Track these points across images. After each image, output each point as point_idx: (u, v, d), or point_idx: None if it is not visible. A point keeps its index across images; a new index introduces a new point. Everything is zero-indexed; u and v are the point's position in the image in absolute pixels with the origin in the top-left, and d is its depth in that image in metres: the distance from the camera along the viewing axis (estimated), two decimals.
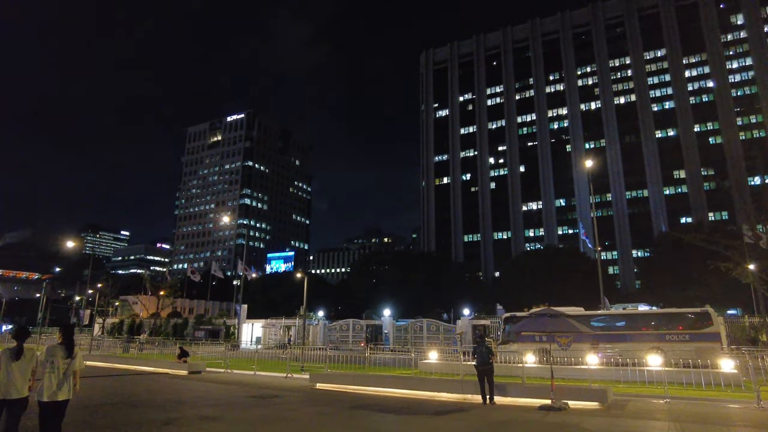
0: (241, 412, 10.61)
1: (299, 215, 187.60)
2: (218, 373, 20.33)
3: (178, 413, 10.05)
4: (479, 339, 13.17)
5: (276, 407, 11.42)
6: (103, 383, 16.48)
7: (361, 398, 13.27)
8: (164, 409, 10.74)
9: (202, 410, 10.64)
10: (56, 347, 6.70)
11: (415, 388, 14.31)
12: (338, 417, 10.11)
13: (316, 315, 51.40)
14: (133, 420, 9.42)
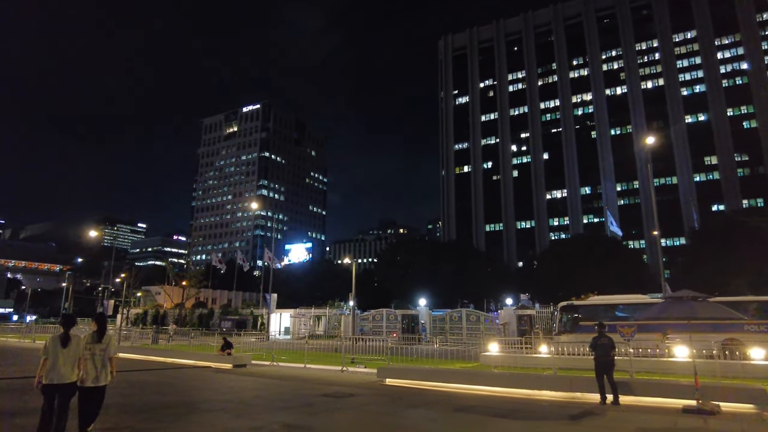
0: (327, 417, 8.82)
1: (315, 206, 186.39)
2: (264, 367, 18.66)
3: (256, 420, 8.29)
4: (599, 328, 11.20)
5: (364, 410, 9.61)
6: (148, 379, 14.87)
7: (450, 397, 11.44)
8: (235, 413, 9.02)
9: (280, 415, 8.88)
10: (93, 335, 6.96)
11: (505, 385, 12.47)
12: (453, 424, 8.26)
13: (347, 305, 49.75)
14: (210, 430, 7.66)
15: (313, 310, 45.44)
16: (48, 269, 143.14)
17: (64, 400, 6.53)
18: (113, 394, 10.93)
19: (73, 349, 6.67)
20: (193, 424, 7.90)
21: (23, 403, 9.42)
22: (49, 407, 6.48)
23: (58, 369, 6.50)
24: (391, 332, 39.82)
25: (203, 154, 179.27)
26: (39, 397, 6.59)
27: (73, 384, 6.63)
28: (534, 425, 8.27)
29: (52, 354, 6.56)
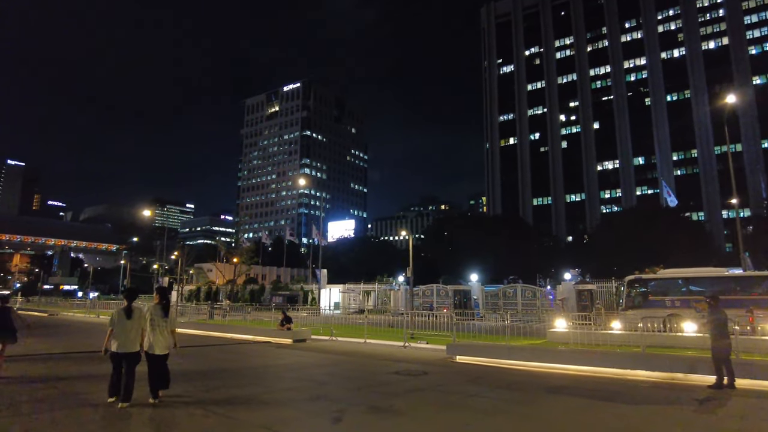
0: (411, 398, 8.10)
1: (357, 184, 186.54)
2: (323, 341, 18.30)
3: (336, 401, 7.70)
4: (710, 301, 9.94)
5: (446, 390, 8.85)
6: (215, 355, 14.71)
7: (531, 376, 10.57)
8: (311, 394, 8.51)
9: (359, 396, 8.29)
10: (156, 307, 7.47)
11: (589, 363, 11.46)
12: (563, 410, 7.36)
13: (396, 280, 49.37)
14: (291, 414, 7.09)
15: (362, 286, 45.25)
16: (106, 249, 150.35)
17: (130, 366, 7.07)
18: (180, 368, 10.65)
19: (136, 321, 7.21)
20: (269, 406, 7.34)
21: (101, 368, 9.20)
22: (117, 371, 7.09)
23: (123, 338, 7.05)
24: (441, 308, 39.13)
25: (246, 135, 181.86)
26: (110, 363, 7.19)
27: (137, 352, 7.16)
28: (656, 411, 7.26)
29: (118, 325, 7.11)
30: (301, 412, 6.86)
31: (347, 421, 6.24)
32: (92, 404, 7.17)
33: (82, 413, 6.61)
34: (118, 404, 6.91)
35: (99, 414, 6.62)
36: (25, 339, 9.91)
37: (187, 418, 6.41)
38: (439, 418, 6.63)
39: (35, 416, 6.30)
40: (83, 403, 7.29)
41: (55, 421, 6.16)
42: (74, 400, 7.46)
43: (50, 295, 72.17)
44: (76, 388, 8.41)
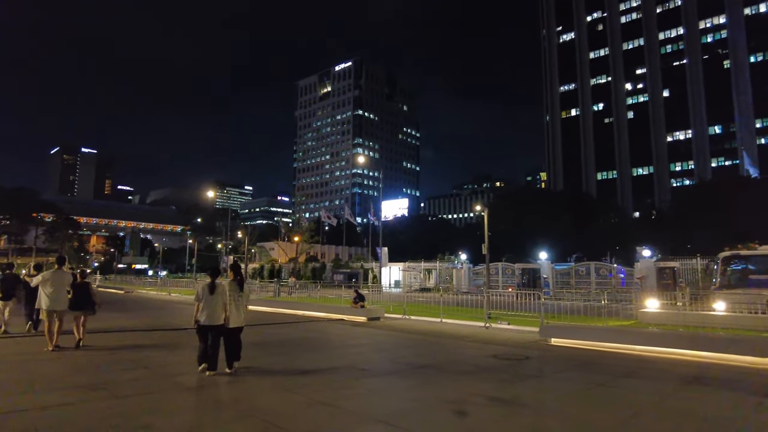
0: (530, 387, 7.20)
1: (409, 162, 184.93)
2: (397, 320, 17.70)
3: (446, 388, 6.93)
4: None
5: (564, 379, 7.89)
6: (290, 332, 14.44)
7: (646, 362, 9.44)
8: (414, 380, 7.82)
9: (468, 383, 7.44)
10: (231, 283, 7.90)
11: (689, 347, 10.22)
12: (727, 407, 6.25)
13: (458, 258, 48.32)
14: (409, 405, 6.40)
15: (423, 264, 44.53)
16: (171, 230, 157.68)
17: (215, 337, 7.54)
18: (257, 345, 10.29)
19: (219, 296, 7.64)
20: (372, 394, 6.68)
21: (183, 340, 8.97)
22: (204, 342, 7.56)
23: (209, 312, 7.51)
24: (507, 287, 37.83)
25: (300, 116, 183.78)
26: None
27: (221, 325, 7.60)
28: None
29: (204, 300, 7.56)
30: (415, 402, 6.14)
31: (475, 416, 5.43)
32: (181, 373, 7.35)
33: (174, 381, 6.81)
34: (205, 372, 7.39)
35: (191, 380, 6.57)
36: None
37: (273, 393, 5.84)
38: (585, 414, 5.70)
39: (132, 383, 6.08)
40: (173, 373, 7.32)
41: (149, 387, 5.93)
42: (163, 371, 7.34)
43: (124, 273, 76.39)
44: (164, 359, 8.22)
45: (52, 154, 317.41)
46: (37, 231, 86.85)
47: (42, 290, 9.44)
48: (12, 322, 12.01)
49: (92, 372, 7.49)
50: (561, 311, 17.87)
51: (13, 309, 11.91)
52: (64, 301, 9.54)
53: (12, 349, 9.61)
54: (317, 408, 5.67)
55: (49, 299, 9.30)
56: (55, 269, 9.82)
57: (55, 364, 8.11)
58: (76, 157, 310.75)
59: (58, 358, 8.64)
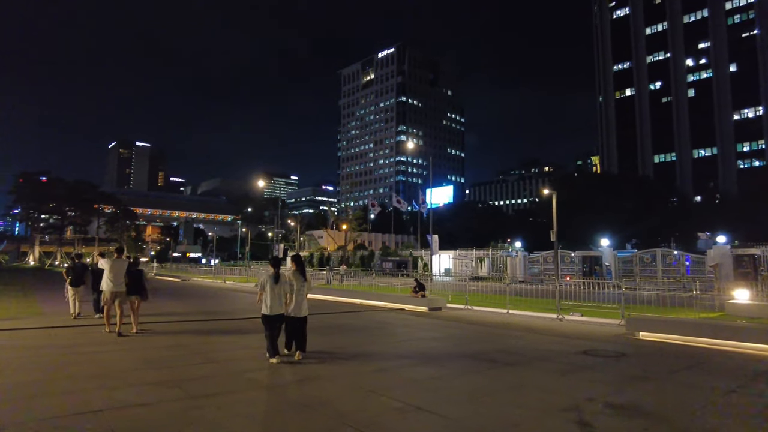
0: (649, 392, 6.28)
1: (454, 148, 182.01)
2: (460, 310, 16.92)
3: (552, 393, 6.09)
4: None
5: (678, 380, 6.92)
6: (350, 321, 13.96)
7: (762, 361, 8.27)
8: (503, 379, 6.99)
9: (571, 385, 6.63)
10: (295, 273, 8.01)
11: None
12: None
13: (513, 246, 46.89)
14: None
15: (475, 252, 43.37)
16: (222, 219, 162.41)
17: (278, 326, 7.72)
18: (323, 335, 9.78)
19: (282, 286, 7.76)
20: (470, 397, 5.97)
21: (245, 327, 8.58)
22: (270, 331, 7.64)
23: (273, 302, 7.61)
24: (565, 276, 36.27)
25: (344, 105, 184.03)
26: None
27: (283, 314, 7.76)
28: None
29: (269, 290, 7.65)
30: (522, 409, 5.37)
31: (599, 427, 4.63)
32: (251, 369, 6.97)
33: (246, 378, 6.42)
34: (272, 359, 7.47)
35: (263, 377, 6.02)
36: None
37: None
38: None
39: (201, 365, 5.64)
40: (243, 369, 6.84)
41: (223, 386, 5.48)
42: (233, 366, 6.91)
43: (179, 261, 79.01)
44: (232, 353, 7.90)
45: (109, 149, 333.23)
46: (98, 221, 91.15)
47: (105, 275, 10.28)
48: (82, 308, 12.91)
49: (163, 366, 7.14)
50: (633, 302, 16.60)
51: (82, 295, 12.94)
52: (123, 285, 10.25)
53: (83, 338, 9.51)
54: (412, 414, 5.01)
55: (111, 283, 10.12)
56: (115, 257, 10.56)
57: (126, 357, 7.85)
58: (131, 150, 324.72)
59: (127, 350, 8.42)
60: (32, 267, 76.17)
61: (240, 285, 32.41)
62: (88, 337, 9.80)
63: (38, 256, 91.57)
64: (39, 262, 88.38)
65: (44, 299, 18.47)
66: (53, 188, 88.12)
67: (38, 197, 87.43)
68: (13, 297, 19.37)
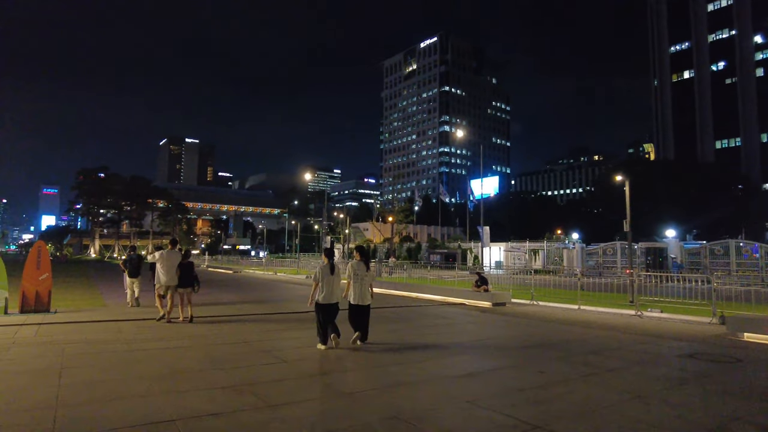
0: None
1: (499, 137, 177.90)
2: (525, 306, 15.95)
3: (676, 407, 5.17)
4: None
5: None
6: (416, 318, 13.28)
7: None
8: (607, 384, 6.15)
9: (689, 396, 5.67)
10: (358, 263, 8.29)
11: None
12: None
13: (570, 237, 45.03)
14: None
15: (528, 244, 41.84)
16: (269, 212, 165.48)
17: (334, 314, 7.90)
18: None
19: (337, 276, 8.03)
20: (583, 411, 5.15)
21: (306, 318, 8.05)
22: (324, 319, 7.86)
23: (328, 291, 7.87)
24: (625, 269, 34.33)
25: (386, 97, 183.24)
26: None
27: (337, 303, 7.95)
28: None
29: (324, 279, 7.87)
30: (661, 429, 4.52)
31: None
32: (326, 371, 6.47)
33: (324, 382, 5.88)
34: (330, 347, 7.78)
35: (342, 382, 5.34)
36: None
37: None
38: None
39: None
40: (318, 371, 6.27)
41: (300, 392, 4.94)
42: (305, 367, 6.33)
43: (229, 254, 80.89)
44: (300, 351, 7.41)
45: (161, 145, 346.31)
46: (153, 215, 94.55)
47: (158, 268, 10.70)
48: (141, 297, 13.67)
49: (230, 367, 6.67)
50: (708, 297, 15.12)
51: (140, 285, 13.62)
52: (175, 277, 10.62)
53: (147, 333, 9.27)
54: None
55: (164, 276, 10.54)
56: (168, 249, 11.01)
57: (191, 355, 7.47)
58: (181, 147, 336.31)
59: (191, 347, 8.05)
60: (93, 259, 79.92)
61: (291, 277, 32.46)
62: (152, 332, 9.56)
63: (98, 249, 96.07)
64: (99, 255, 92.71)
65: (106, 290, 18.81)
66: (111, 184, 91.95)
67: (97, 193, 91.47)
68: (78, 288, 19.86)
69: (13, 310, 11.38)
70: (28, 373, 6.13)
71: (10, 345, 7.87)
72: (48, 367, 6.41)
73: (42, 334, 9.00)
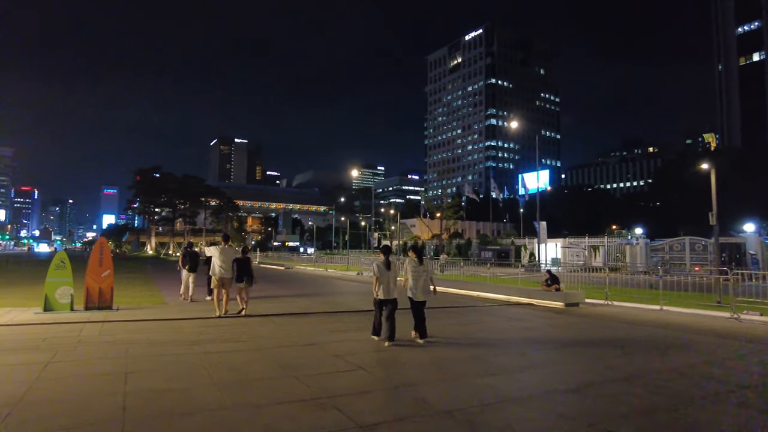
0: None
1: (548, 130, 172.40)
2: (600, 306, 14.73)
3: None
4: None
5: None
6: (481, 321, 12.41)
7: None
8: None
9: None
10: (414, 260, 8.32)
11: None
12: None
13: (632, 233, 42.64)
14: None
15: (587, 239, 39.80)
16: (316, 210, 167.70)
17: (392, 310, 7.96)
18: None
19: (393, 272, 8.14)
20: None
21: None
22: (379, 315, 8.08)
23: (385, 287, 7.97)
24: (694, 266, 31.98)
25: (430, 92, 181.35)
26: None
27: (396, 299, 8.03)
28: None
29: (382, 276, 8.02)
30: None
31: None
32: (410, 384, 5.45)
33: (413, 396, 4.96)
34: (384, 343, 7.84)
35: (432, 394, 4.68)
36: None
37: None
38: None
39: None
40: (400, 383, 5.37)
41: (401, 409, 4.07)
42: (388, 379, 5.60)
43: (279, 250, 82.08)
44: (374, 356, 6.77)
45: (211, 146, 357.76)
46: (205, 213, 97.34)
47: (214, 261, 11.12)
48: (195, 292, 14.10)
49: (304, 374, 6.05)
50: None
51: (195, 279, 14.10)
52: (230, 272, 10.93)
53: (210, 333, 8.85)
54: None
55: (219, 269, 10.92)
56: (222, 245, 11.38)
57: (259, 359, 6.94)
58: (230, 147, 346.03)
59: (257, 349, 7.53)
60: (150, 256, 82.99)
61: (342, 273, 32.08)
62: (213, 332, 9.15)
63: (154, 246, 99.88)
64: (155, 251, 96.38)
65: (163, 287, 18.91)
66: (165, 183, 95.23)
67: (153, 191, 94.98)
68: (137, 284, 20.11)
69: (78, 306, 11.33)
70: (93, 378, 5.73)
71: (76, 344, 7.62)
72: (113, 371, 6.01)
73: (105, 332, 8.76)
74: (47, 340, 7.86)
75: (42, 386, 5.30)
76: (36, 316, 10.39)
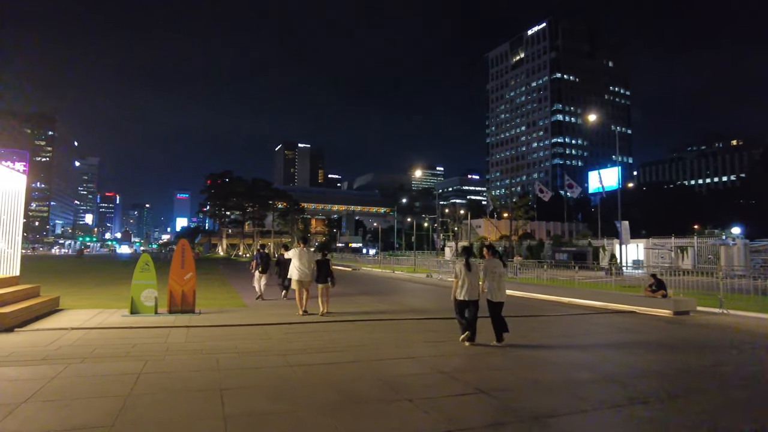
0: None
1: (618, 125, 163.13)
2: (714, 315, 13.02)
3: None
4: None
5: None
6: (605, 335, 11.21)
7: None
8: None
9: None
10: (494, 261, 8.33)
11: None
12: None
13: (728, 232, 39.06)
14: None
15: (674, 240, 36.70)
16: (376, 211, 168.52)
17: (473, 311, 8.05)
18: None
19: (474, 273, 8.14)
20: None
21: None
22: (461, 316, 8.22)
23: (467, 288, 8.04)
24: None
25: (492, 89, 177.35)
26: None
27: (478, 300, 8.10)
28: None
29: (463, 277, 8.07)
30: None
31: None
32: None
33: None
34: (465, 342, 8.02)
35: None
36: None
37: None
38: None
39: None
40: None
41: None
42: (506, 400, 4.69)
43: (342, 251, 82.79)
44: (475, 361, 5.79)
45: (276, 151, 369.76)
46: (273, 215, 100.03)
47: (293, 264, 11.27)
48: (266, 291, 15.24)
49: (420, 398, 5.28)
50: None
51: (267, 279, 15.17)
52: (310, 274, 11.19)
53: (299, 342, 8.31)
54: None
55: (299, 272, 11.10)
56: (300, 248, 11.58)
57: (361, 375, 6.26)
58: (294, 152, 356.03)
59: (356, 362, 6.87)
60: (221, 257, 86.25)
61: (411, 275, 31.29)
62: (303, 339, 8.60)
63: (225, 247, 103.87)
64: (226, 253, 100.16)
65: (241, 288, 18.94)
66: (234, 186, 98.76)
67: (223, 195, 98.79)
68: (215, 286, 20.32)
69: (162, 309, 11.26)
70: (188, 394, 5.24)
71: (164, 353, 7.28)
72: (206, 387, 5.50)
73: (192, 338, 8.44)
74: (137, 347, 7.59)
75: (137, 403, 4.85)
76: (124, 319, 10.36)
